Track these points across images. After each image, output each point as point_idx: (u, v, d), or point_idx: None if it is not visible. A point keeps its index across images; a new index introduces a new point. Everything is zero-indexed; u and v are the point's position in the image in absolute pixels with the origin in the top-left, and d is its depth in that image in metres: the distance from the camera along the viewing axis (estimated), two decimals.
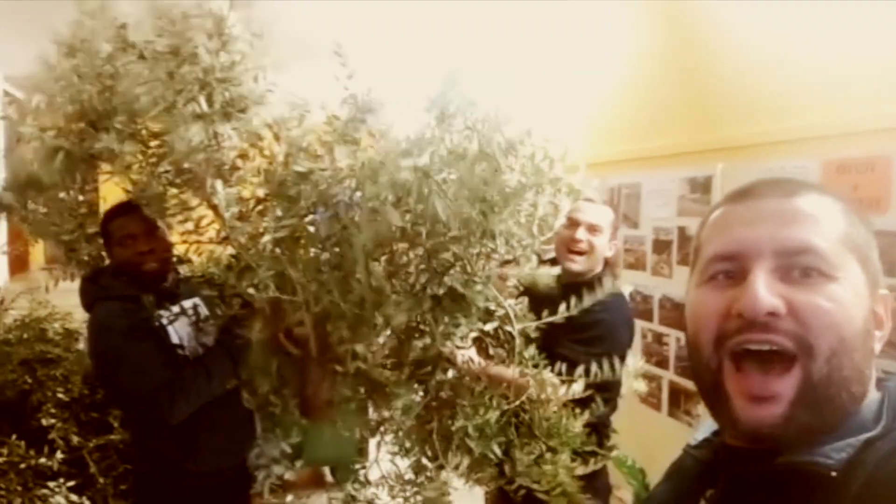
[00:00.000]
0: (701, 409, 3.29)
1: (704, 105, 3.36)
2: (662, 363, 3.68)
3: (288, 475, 2.21)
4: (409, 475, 1.88)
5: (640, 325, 3.55)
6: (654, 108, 3.77)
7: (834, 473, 0.64)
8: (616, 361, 1.91)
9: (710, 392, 0.71)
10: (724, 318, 0.69)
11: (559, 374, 1.89)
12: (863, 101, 2.49)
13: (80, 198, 2.05)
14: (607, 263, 2.43)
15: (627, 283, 2.44)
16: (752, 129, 3.03)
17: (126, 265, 2.08)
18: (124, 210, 2.03)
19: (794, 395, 0.65)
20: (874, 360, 0.70)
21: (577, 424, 1.82)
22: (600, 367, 1.88)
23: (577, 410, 1.89)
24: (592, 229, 2.32)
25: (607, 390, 2.05)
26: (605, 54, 4.27)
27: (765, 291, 0.66)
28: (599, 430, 2.17)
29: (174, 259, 2.19)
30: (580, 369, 1.87)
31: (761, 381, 0.66)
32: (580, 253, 2.30)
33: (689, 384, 3.40)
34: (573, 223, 2.31)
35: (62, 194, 2.04)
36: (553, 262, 2.26)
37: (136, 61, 1.57)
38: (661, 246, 3.70)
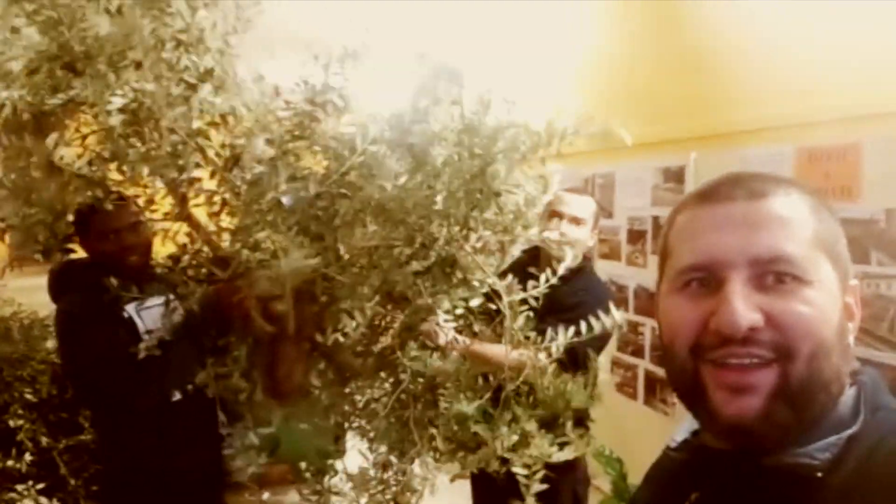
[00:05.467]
0: (677, 398, 3.31)
1: (677, 94, 3.37)
2: (638, 352, 3.69)
3: (253, 468, 2.17)
4: (375, 471, 1.86)
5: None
6: (626, 97, 3.77)
7: (819, 474, 0.64)
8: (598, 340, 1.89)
9: (688, 390, 0.71)
10: (702, 331, 0.68)
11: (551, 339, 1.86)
12: (835, 89, 2.51)
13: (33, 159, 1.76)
14: (586, 256, 2.44)
15: (602, 273, 2.45)
16: (725, 118, 3.04)
17: (107, 259, 2.04)
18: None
19: (773, 388, 0.65)
20: (850, 356, 0.70)
21: (578, 386, 1.81)
22: (582, 348, 1.86)
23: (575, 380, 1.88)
24: (575, 221, 2.33)
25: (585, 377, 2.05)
26: (576, 44, 4.26)
27: (743, 307, 0.65)
28: (578, 419, 2.17)
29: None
30: (563, 337, 1.84)
31: (740, 374, 0.66)
32: None
33: (665, 372, 3.42)
34: (556, 215, 2.31)
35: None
36: (529, 253, 2.26)
37: (100, 13, 1.49)
38: (635, 236, 3.71)
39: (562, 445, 1.78)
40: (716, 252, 0.68)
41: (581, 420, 2.24)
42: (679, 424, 0.83)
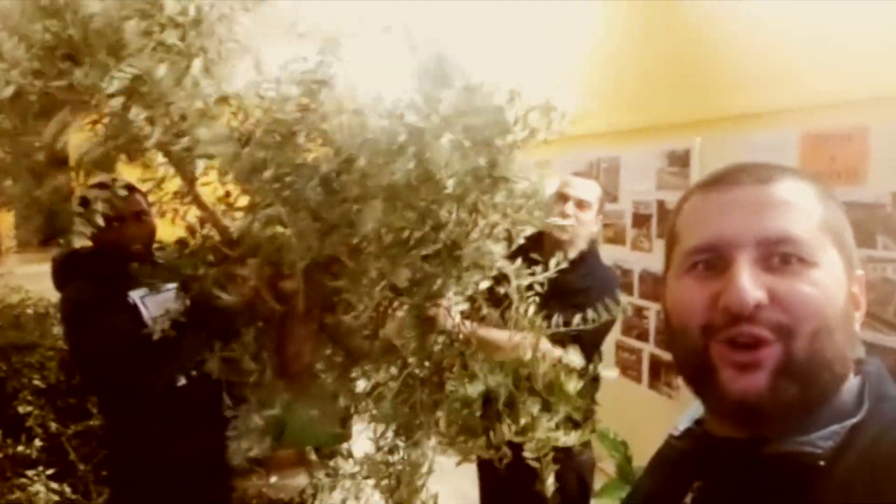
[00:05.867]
0: (681, 380, 3.33)
1: (682, 78, 3.35)
2: (642, 336, 3.70)
3: (256, 451, 2.19)
4: (382, 455, 1.87)
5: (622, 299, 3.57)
6: (631, 81, 3.75)
7: (822, 462, 0.64)
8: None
9: (696, 370, 0.71)
10: (710, 311, 0.69)
11: (556, 326, 1.86)
12: (839, 72, 2.50)
13: (37, 143, 1.76)
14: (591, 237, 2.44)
15: (607, 258, 2.45)
16: (730, 102, 3.03)
17: (110, 247, 2.05)
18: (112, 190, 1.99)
19: (778, 364, 0.65)
20: (855, 341, 0.70)
21: (572, 385, 1.81)
22: (588, 333, 1.86)
23: (572, 371, 1.88)
24: (581, 205, 2.33)
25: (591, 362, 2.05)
26: (581, 27, 4.23)
27: (749, 284, 0.66)
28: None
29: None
30: (576, 318, 1.84)
31: (747, 353, 0.67)
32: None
33: (670, 356, 3.43)
34: (562, 198, 2.31)
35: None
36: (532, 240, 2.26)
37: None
38: (640, 220, 3.70)
39: (568, 430, 1.79)
40: (723, 233, 0.69)
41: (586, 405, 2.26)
42: (683, 412, 0.83)
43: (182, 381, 2.07)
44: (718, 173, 0.74)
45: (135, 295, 2.07)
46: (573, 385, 1.78)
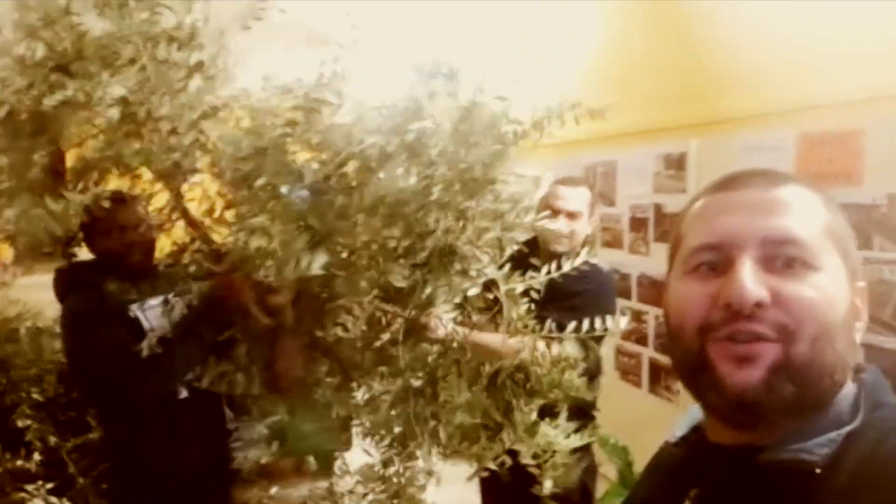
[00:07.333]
0: (681, 385, 3.32)
1: (678, 80, 3.36)
2: (641, 340, 3.70)
3: (265, 460, 2.19)
4: (379, 468, 1.86)
5: (618, 302, 3.56)
6: (627, 84, 3.76)
7: (818, 470, 0.64)
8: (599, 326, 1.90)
9: (693, 369, 0.71)
10: (710, 309, 0.69)
11: (549, 331, 1.86)
12: (836, 74, 2.50)
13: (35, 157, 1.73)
14: (585, 241, 2.45)
15: (605, 262, 2.46)
16: (726, 105, 3.03)
17: (110, 257, 2.05)
18: (112, 201, 1.99)
19: (775, 362, 0.65)
20: (855, 350, 0.71)
21: (575, 375, 1.81)
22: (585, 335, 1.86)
23: (572, 361, 1.88)
24: (572, 216, 2.34)
25: (589, 370, 2.05)
26: (577, 31, 4.24)
27: (752, 281, 0.66)
28: (584, 409, 2.18)
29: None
30: (571, 325, 1.84)
31: (744, 346, 0.66)
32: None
33: (669, 360, 3.42)
34: (553, 212, 2.32)
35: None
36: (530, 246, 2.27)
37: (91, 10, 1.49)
38: (637, 224, 3.71)
39: (568, 434, 1.79)
40: (727, 232, 0.69)
41: (586, 410, 2.26)
42: (680, 418, 0.83)
43: (183, 394, 2.07)
44: (726, 177, 0.75)
45: (135, 307, 2.06)
46: (575, 376, 1.78)
